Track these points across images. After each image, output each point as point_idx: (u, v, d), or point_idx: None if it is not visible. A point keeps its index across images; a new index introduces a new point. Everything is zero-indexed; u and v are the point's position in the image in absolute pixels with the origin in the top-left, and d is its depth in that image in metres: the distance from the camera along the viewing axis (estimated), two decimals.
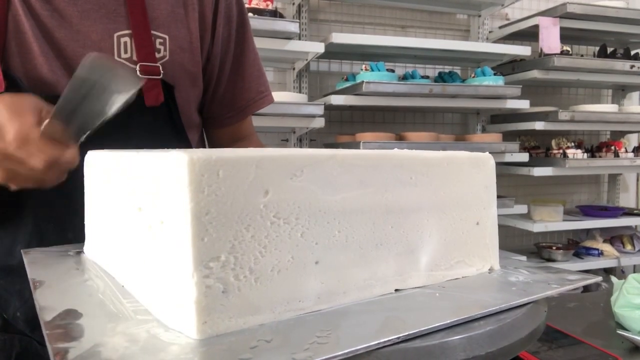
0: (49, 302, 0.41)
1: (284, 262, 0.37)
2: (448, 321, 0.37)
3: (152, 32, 0.70)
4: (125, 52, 0.69)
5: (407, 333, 0.34)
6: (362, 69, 2.04)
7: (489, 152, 0.53)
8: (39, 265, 0.53)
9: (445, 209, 0.48)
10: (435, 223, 0.47)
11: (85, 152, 0.56)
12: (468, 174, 0.50)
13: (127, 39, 0.69)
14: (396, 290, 0.45)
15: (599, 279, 0.49)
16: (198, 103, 0.81)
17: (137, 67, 0.69)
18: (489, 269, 0.52)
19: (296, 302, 0.38)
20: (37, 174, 0.50)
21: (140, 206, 0.41)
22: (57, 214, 0.67)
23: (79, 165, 0.56)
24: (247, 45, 0.83)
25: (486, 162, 0.52)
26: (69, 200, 0.65)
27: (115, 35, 0.68)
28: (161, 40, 0.71)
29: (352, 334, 0.34)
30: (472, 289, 0.46)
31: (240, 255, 0.35)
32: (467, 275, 0.50)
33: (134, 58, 0.69)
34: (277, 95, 1.91)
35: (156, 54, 0.70)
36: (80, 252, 0.59)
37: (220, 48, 0.79)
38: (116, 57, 0.69)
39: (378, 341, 0.33)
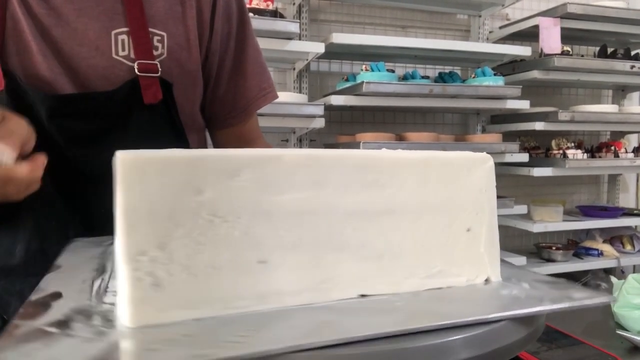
0: (46, 285, 0.43)
1: (222, 260, 0.38)
2: (377, 332, 0.34)
3: (150, 29, 0.70)
4: (123, 49, 0.69)
5: (326, 339, 0.32)
6: (362, 69, 2.04)
7: (489, 152, 0.48)
8: (71, 253, 0.56)
9: (423, 214, 0.45)
10: (410, 228, 0.44)
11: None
12: (455, 176, 0.46)
13: (124, 36, 0.69)
14: (362, 295, 0.42)
15: (606, 299, 0.43)
16: (200, 103, 0.80)
17: (135, 65, 0.69)
18: (485, 280, 0.48)
19: (238, 300, 0.38)
20: None
21: None
22: (57, 212, 0.67)
23: (75, 163, 0.55)
24: (248, 43, 0.82)
25: (480, 164, 0.47)
26: (69, 197, 0.65)
27: (113, 32, 0.68)
28: (159, 38, 0.71)
29: (275, 336, 0.34)
30: (448, 299, 0.43)
31: (172, 251, 0.36)
32: (452, 285, 0.46)
33: (132, 56, 0.69)
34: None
35: (154, 51, 0.70)
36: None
37: (220, 45, 0.78)
38: (114, 55, 0.69)
39: (288, 345, 0.32)
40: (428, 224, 0.45)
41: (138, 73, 0.69)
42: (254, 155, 0.39)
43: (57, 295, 0.41)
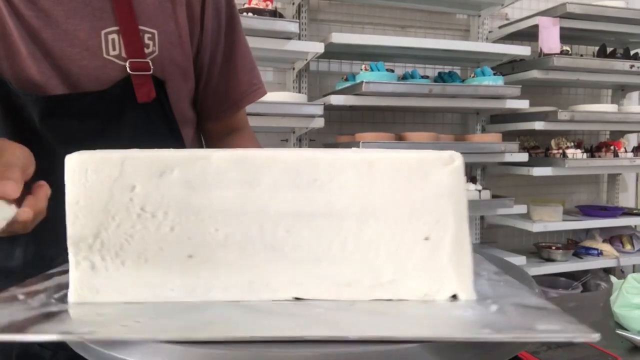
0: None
1: (152, 252, 0.41)
2: (244, 335, 0.33)
3: (140, 27, 0.69)
4: (114, 49, 0.68)
5: (188, 336, 0.33)
6: (361, 69, 2.04)
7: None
8: None
9: (368, 218, 0.41)
10: (353, 233, 0.41)
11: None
12: (406, 178, 0.41)
13: (114, 35, 0.68)
14: (297, 298, 0.42)
15: (580, 337, 0.33)
16: (191, 98, 0.80)
17: (127, 64, 0.68)
18: (453, 297, 0.42)
19: (166, 290, 0.41)
20: None
21: None
22: (53, 216, 0.67)
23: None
24: (238, 37, 0.82)
25: (442, 165, 0.41)
26: (64, 199, 0.65)
27: (103, 32, 0.68)
28: (150, 36, 0.70)
29: (161, 325, 0.36)
30: (380, 313, 0.39)
31: (106, 240, 0.41)
32: (405, 298, 0.42)
33: (123, 55, 0.68)
34: (277, 95, 1.92)
35: (145, 49, 0.69)
36: None
37: (210, 40, 0.78)
38: (105, 55, 0.68)
39: (154, 337, 0.34)
40: (374, 229, 0.41)
41: (130, 72, 0.68)
42: (183, 155, 0.41)
43: (66, 272, 0.44)
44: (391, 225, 0.42)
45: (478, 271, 0.48)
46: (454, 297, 0.42)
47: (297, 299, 0.42)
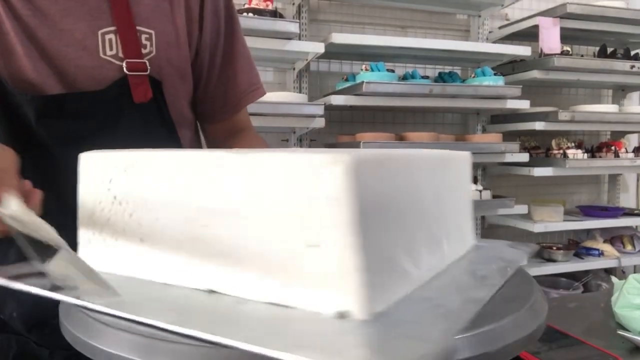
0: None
1: (119, 233, 0.50)
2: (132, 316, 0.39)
3: (137, 27, 0.69)
4: (111, 49, 0.68)
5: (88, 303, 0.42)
6: (362, 69, 2.04)
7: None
8: None
9: (264, 219, 0.40)
10: (254, 233, 0.41)
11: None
12: (293, 181, 0.39)
13: (111, 35, 0.68)
14: (211, 291, 0.44)
15: None
16: (190, 99, 0.80)
17: (124, 64, 0.68)
18: (341, 313, 0.37)
19: (130, 266, 0.50)
20: None
21: None
22: (50, 215, 0.67)
23: (66, 163, 0.55)
24: (237, 38, 0.82)
25: (330, 169, 0.37)
26: (62, 200, 0.65)
27: (100, 32, 0.67)
28: (147, 36, 0.70)
29: (89, 292, 0.44)
30: (253, 318, 0.39)
31: (96, 220, 0.52)
32: (296, 307, 0.39)
33: (120, 55, 0.68)
34: (277, 95, 1.92)
35: (142, 49, 0.69)
36: None
37: (209, 42, 0.78)
38: (101, 55, 0.68)
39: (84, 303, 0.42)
40: (266, 231, 0.41)
41: (127, 72, 0.68)
42: (139, 154, 0.50)
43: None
44: (280, 229, 0.40)
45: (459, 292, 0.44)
46: (343, 313, 0.37)
47: (211, 291, 0.45)
